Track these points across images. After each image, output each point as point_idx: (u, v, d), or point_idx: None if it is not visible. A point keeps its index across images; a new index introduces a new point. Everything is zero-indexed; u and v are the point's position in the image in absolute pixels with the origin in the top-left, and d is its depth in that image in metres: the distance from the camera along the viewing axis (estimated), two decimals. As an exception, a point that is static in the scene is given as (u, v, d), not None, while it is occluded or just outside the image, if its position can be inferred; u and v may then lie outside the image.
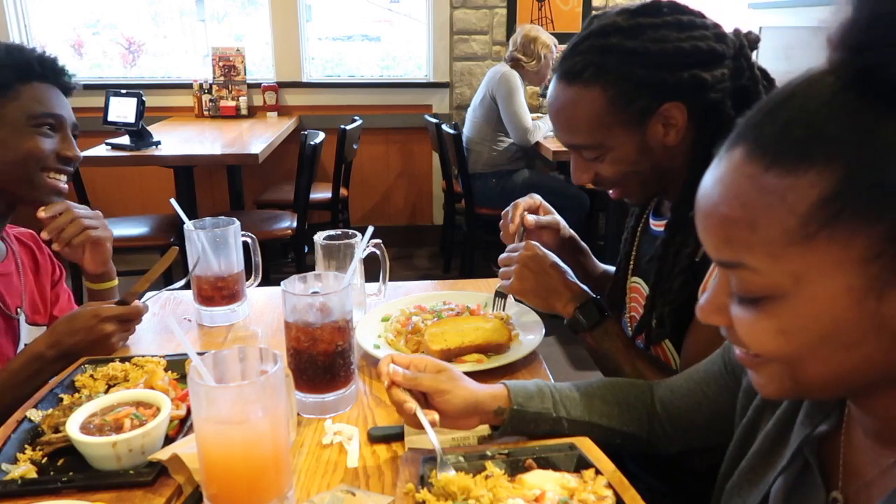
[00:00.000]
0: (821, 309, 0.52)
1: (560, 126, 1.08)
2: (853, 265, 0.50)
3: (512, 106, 3.58)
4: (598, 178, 1.10)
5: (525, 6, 4.40)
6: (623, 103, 1.01)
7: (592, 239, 4.07)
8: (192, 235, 1.28)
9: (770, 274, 0.53)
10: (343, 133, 3.58)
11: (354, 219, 4.43)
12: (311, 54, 4.55)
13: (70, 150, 1.25)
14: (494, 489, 0.75)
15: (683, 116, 1.01)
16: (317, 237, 1.28)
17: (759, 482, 0.72)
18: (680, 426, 0.94)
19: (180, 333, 0.81)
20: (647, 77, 0.99)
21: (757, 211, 0.52)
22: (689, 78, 0.99)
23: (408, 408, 0.84)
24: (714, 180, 0.56)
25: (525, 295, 1.19)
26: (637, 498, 0.74)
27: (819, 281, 0.52)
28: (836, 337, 0.53)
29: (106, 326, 1.17)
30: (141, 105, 3.11)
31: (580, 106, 1.03)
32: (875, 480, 0.61)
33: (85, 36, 4.66)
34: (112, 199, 4.24)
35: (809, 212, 0.50)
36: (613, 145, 1.04)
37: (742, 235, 0.53)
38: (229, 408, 0.73)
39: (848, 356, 0.54)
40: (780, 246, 0.52)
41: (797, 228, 0.51)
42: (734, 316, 0.58)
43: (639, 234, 1.24)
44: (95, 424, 0.89)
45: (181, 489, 0.83)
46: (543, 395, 0.92)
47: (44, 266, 1.38)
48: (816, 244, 0.51)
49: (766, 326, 0.55)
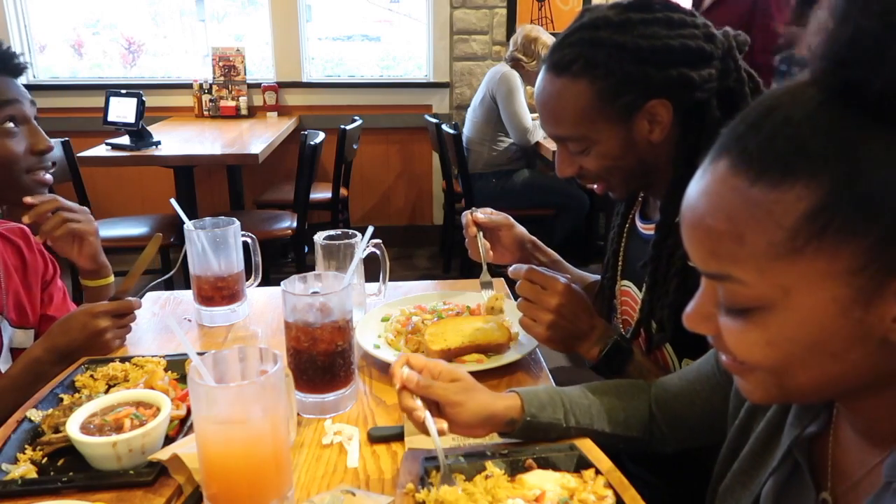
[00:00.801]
0: (808, 319, 0.53)
1: (546, 117, 1.08)
2: (840, 277, 0.51)
3: (512, 106, 3.58)
4: (582, 171, 1.10)
5: (525, 6, 4.40)
6: (609, 97, 1.01)
7: (592, 239, 4.07)
8: (192, 235, 1.28)
9: (757, 286, 0.53)
10: (343, 133, 3.58)
11: (354, 219, 4.43)
12: (311, 54, 4.55)
13: (41, 143, 1.22)
14: (494, 489, 0.75)
15: (669, 114, 1.01)
16: (317, 237, 1.28)
17: (750, 484, 0.72)
18: (674, 425, 0.94)
19: (180, 333, 0.81)
20: (634, 73, 0.99)
21: (744, 224, 0.53)
22: (676, 76, 0.99)
23: (417, 416, 0.82)
24: (699, 192, 0.56)
25: (550, 343, 1.11)
26: (637, 498, 0.74)
27: (806, 293, 0.52)
28: (823, 346, 0.53)
29: (99, 322, 1.17)
30: (141, 105, 3.11)
31: (567, 98, 1.03)
32: (862, 480, 0.61)
33: (85, 36, 4.66)
34: (112, 199, 4.24)
35: (796, 225, 0.51)
36: (598, 139, 1.04)
37: (729, 248, 0.54)
38: (229, 408, 0.73)
39: (835, 364, 0.54)
40: (767, 259, 0.52)
41: (784, 242, 0.51)
42: (722, 326, 0.58)
43: (625, 237, 1.24)
44: (95, 424, 0.89)
45: (181, 489, 0.83)
46: (555, 404, 0.91)
47: (32, 264, 1.35)
48: (803, 257, 0.51)
49: (754, 337, 0.55)
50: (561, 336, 1.09)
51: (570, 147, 1.08)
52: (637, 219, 1.22)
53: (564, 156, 1.10)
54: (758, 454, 0.73)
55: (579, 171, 1.10)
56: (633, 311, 1.17)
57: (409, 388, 0.84)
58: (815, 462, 0.67)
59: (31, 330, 1.32)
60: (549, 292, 1.08)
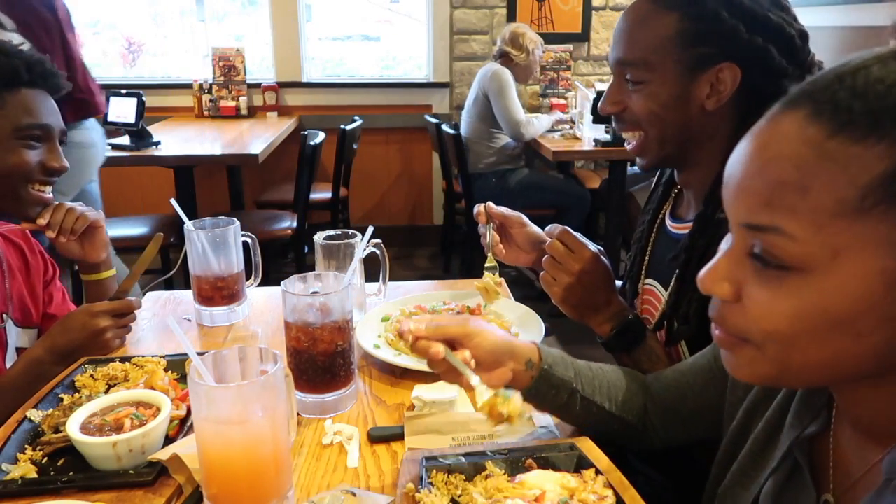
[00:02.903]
0: (848, 289, 0.51)
1: (621, 38, 1.06)
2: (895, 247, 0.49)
3: (503, 100, 3.58)
4: (625, 112, 1.08)
5: (525, 6, 4.40)
6: (691, 41, 1.00)
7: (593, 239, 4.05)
8: (192, 235, 1.28)
9: (809, 244, 0.51)
10: (343, 133, 3.58)
11: (354, 219, 4.43)
12: (311, 54, 4.55)
13: (56, 161, 1.23)
14: (494, 489, 0.75)
15: (734, 84, 1.00)
16: (317, 237, 1.28)
17: (749, 485, 0.72)
18: (665, 417, 0.94)
19: (180, 333, 0.81)
20: (726, 24, 0.98)
21: (813, 176, 0.50)
22: (762, 46, 0.99)
23: (434, 352, 0.78)
24: (762, 140, 0.54)
25: (563, 305, 1.13)
26: (637, 498, 0.74)
27: (856, 258, 0.50)
28: (852, 322, 0.51)
29: (99, 321, 1.17)
30: (141, 105, 3.11)
31: (651, 23, 1.02)
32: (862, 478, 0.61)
33: (85, 36, 4.65)
34: (112, 199, 4.22)
35: (871, 185, 0.49)
36: (659, 77, 1.02)
37: (789, 199, 0.51)
38: (229, 408, 0.73)
39: (855, 344, 0.52)
40: (829, 215, 0.50)
41: (853, 200, 0.49)
42: (748, 292, 0.55)
43: (654, 236, 1.23)
44: (95, 424, 0.89)
45: (181, 489, 0.83)
46: (567, 364, 0.91)
47: (34, 265, 1.36)
48: (867, 220, 0.49)
49: (784, 305, 0.53)
50: (575, 302, 1.11)
51: (629, 75, 1.05)
52: (668, 218, 1.21)
53: (615, 89, 1.08)
54: (757, 455, 0.72)
55: (622, 111, 1.08)
56: (655, 309, 1.16)
57: (422, 335, 0.80)
58: (816, 463, 0.66)
59: (35, 329, 1.32)
60: (576, 257, 1.11)
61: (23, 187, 1.21)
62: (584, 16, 4.45)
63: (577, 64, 4.55)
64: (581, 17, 4.45)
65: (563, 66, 4.47)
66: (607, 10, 4.48)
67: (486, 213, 1.24)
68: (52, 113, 1.23)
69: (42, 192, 1.24)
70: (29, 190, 1.22)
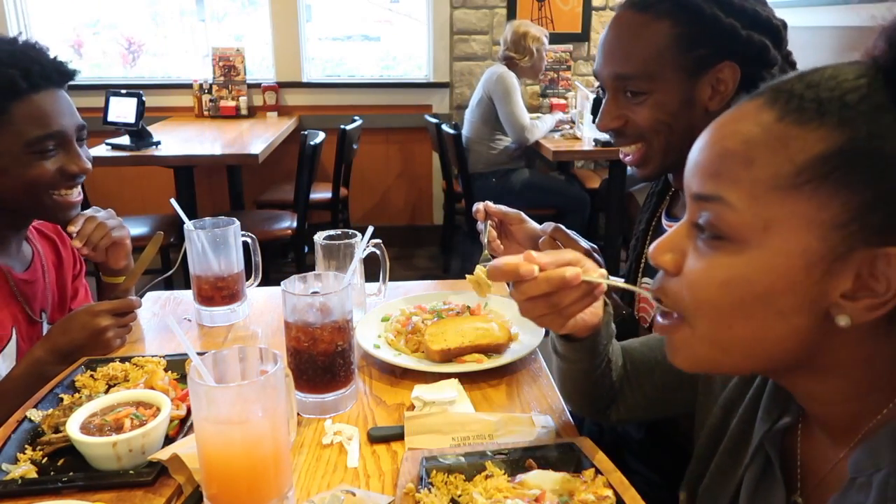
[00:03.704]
0: (773, 264, 0.55)
1: (612, 53, 1.04)
2: (819, 228, 0.53)
3: (509, 105, 3.58)
4: (626, 125, 1.06)
5: (525, 6, 4.40)
6: (687, 45, 1.00)
7: (593, 239, 4.05)
8: (192, 235, 1.28)
9: (744, 213, 0.55)
10: (343, 133, 3.58)
11: (354, 219, 4.43)
12: (311, 54, 4.55)
13: (75, 165, 1.18)
14: (494, 489, 0.75)
15: (734, 83, 1.01)
16: (317, 237, 1.28)
17: (727, 483, 0.73)
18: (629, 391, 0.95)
19: (180, 333, 0.81)
20: (723, 23, 0.98)
21: (757, 150, 0.55)
22: (759, 42, 0.99)
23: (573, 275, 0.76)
24: (724, 120, 0.59)
25: None
26: (637, 498, 0.74)
27: (784, 234, 0.54)
28: (774, 299, 0.55)
29: (100, 321, 1.17)
30: (141, 105, 3.11)
31: (644, 34, 1.01)
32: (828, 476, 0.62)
33: (85, 36, 4.66)
34: (112, 199, 4.23)
35: (806, 163, 0.53)
36: (661, 87, 1.02)
37: (734, 170, 0.56)
38: (229, 408, 0.73)
39: (777, 322, 0.56)
40: (765, 188, 0.54)
41: (788, 175, 0.54)
42: (688, 264, 0.60)
43: (650, 236, 1.23)
44: (95, 424, 0.89)
45: (181, 489, 0.83)
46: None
47: (66, 259, 1.38)
48: (798, 196, 0.53)
49: (715, 274, 0.57)
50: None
51: (629, 88, 1.04)
52: (664, 217, 1.21)
53: (613, 105, 1.06)
54: (732, 452, 0.73)
55: (623, 125, 1.06)
56: (652, 307, 1.17)
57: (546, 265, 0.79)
58: (788, 459, 0.68)
59: None
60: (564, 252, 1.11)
61: (46, 196, 1.18)
62: (584, 16, 4.45)
63: (577, 64, 4.55)
64: (581, 17, 4.45)
65: (563, 66, 4.47)
66: (607, 10, 4.48)
67: (484, 211, 1.24)
68: (64, 113, 1.17)
69: (68, 197, 1.21)
70: (54, 197, 1.19)
